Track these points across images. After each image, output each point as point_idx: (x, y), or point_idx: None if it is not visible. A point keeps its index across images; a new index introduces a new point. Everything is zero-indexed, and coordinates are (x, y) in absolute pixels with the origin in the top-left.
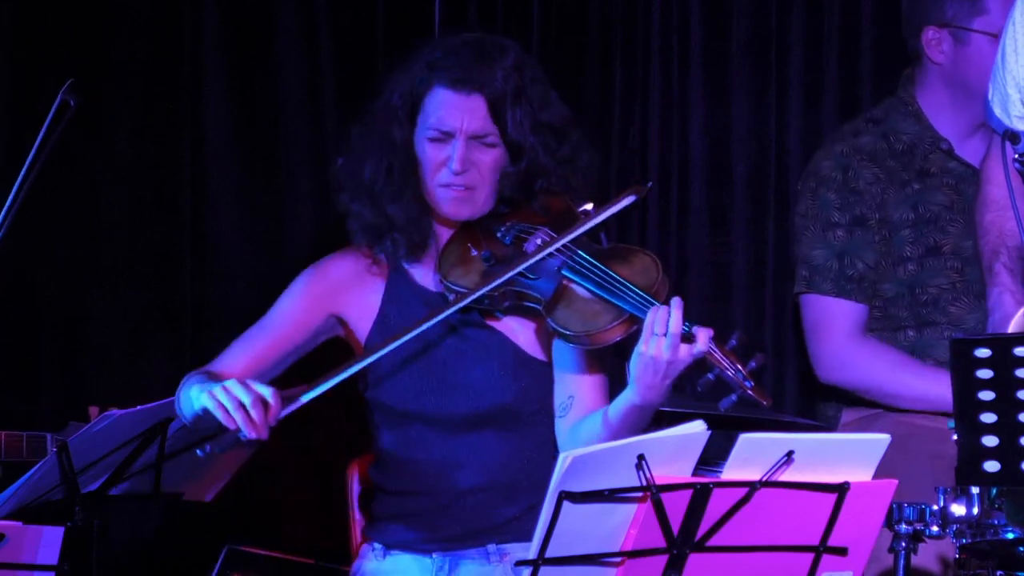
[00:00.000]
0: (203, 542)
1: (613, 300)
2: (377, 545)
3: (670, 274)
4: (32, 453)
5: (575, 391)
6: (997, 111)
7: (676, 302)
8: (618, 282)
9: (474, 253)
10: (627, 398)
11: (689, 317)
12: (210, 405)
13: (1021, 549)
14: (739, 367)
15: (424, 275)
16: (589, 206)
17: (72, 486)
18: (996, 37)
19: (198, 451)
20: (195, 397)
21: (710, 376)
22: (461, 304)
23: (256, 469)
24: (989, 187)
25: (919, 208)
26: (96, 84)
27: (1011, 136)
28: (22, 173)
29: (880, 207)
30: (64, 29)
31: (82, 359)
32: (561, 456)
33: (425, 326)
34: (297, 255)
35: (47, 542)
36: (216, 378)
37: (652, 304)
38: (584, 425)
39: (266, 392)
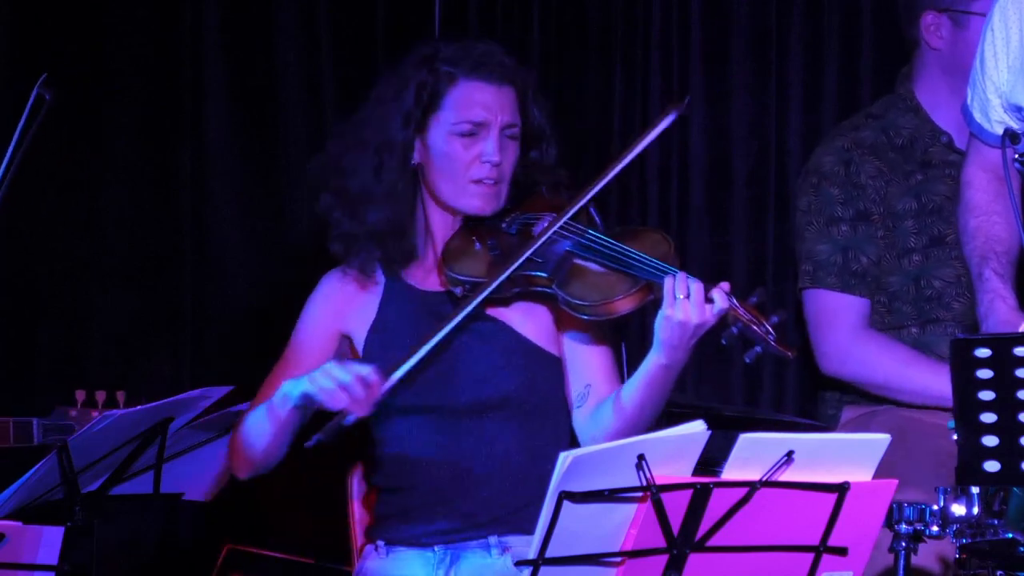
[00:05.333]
0: (203, 542)
1: (627, 271)
2: (380, 543)
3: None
4: (19, 439)
5: (591, 379)
6: (977, 116)
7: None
8: (632, 253)
9: (478, 247)
10: (653, 360)
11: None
12: (312, 390)
13: (1021, 549)
14: (763, 320)
15: (422, 277)
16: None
17: (72, 486)
18: None
19: (306, 443)
20: (288, 391)
21: (733, 330)
22: (487, 291)
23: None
24: (970, 192)
25: (922, 198)
26: (96, 84)
27: (1011, 136)
28: (2, 167)
29: (883, 200)
30: (63, 29)
31: (82, 359)
32: (561, 456)
33: (456, 320)
34: (297, 255)
35: (47, 542)
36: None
37: (668, 270)
38: (602, 409)
39: (365, 370)
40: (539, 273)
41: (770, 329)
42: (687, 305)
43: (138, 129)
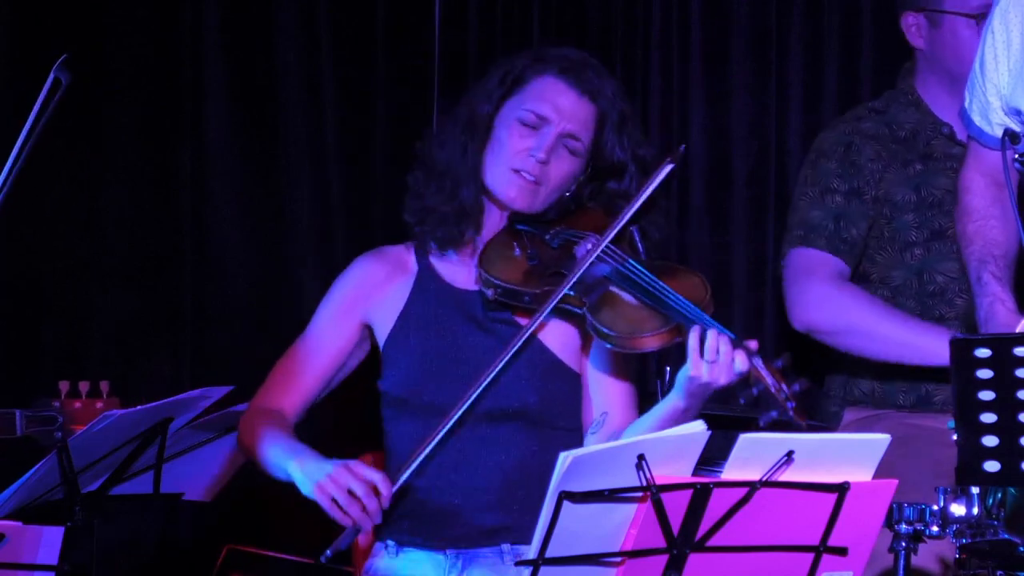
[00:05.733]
0: (203, 542)
1: (661, 309)
2: (390, 542)
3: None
4: (2, 430)
5: (609, 407)
6: (976, 119)
7: (738, 343)
8: (668, 292)
9: (517, 253)
10: (671, 403)
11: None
12: (321, 502)
13: (1021, 549)
14: (783, 386)
15: (455, 273)
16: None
17: (72, 486)
18: (969, 17)
19: (321, 558)
20: (295, 478)
21: (754, 391)
22: (523, 336)
23: (256, 469)
24: (968, 197)
25: (922, 191)
26: (96, 84)
27: (1012, 136)
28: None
29: (879, 184)
30: (64, 29)
31: (82, 358)
32: (561, 456)
33: (492, 373)
34: (297, 255)
35: (47, 542)
36: (280, 424)
37: (702, 320)
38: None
39: (375, 477)
40: (572, 292)
41: (790, 396)
42: (714, 368)
43: (138, 129)
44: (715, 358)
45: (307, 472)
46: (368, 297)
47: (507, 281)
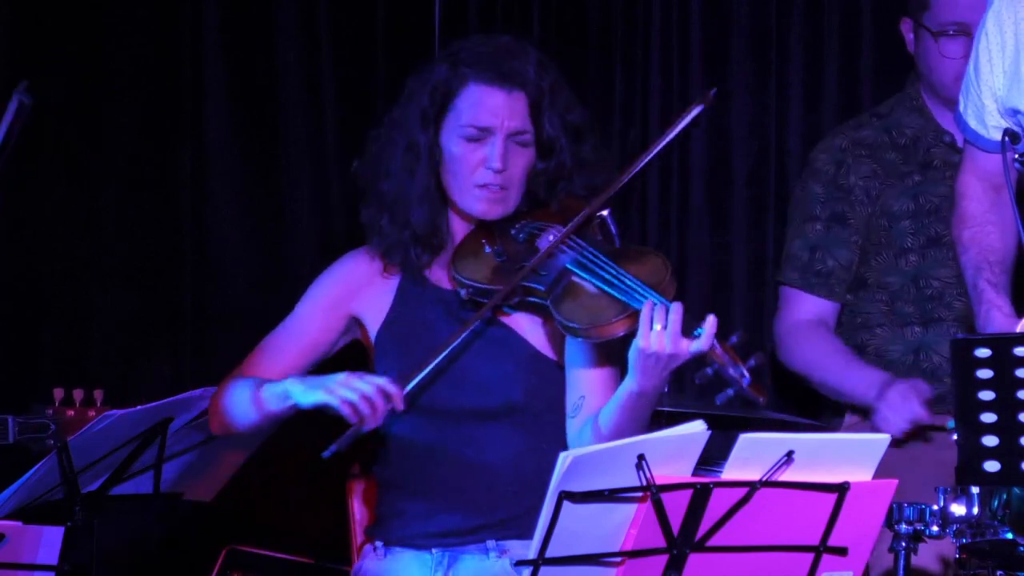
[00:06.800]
0: (203, 542)
1: (618, 296)
2: (378, 543)
3: (678, 276)
4: None
5: (586, 391)
6: (972, 123)
7: (676, 305)
8: (625, 277)
9: (487, 250)
10: (627, 387)
11: (689, 313)
12: (332, 401)
13: (1021, 549)
14: (739, 363)
15: (438, 273)
16: (605, 212)
17: (72, 486)
18: (935, 34)
19: (324, 453)
20: (291, 392)
21: (708, 371)
22: (488, 308)
23: (256, 469)
24: (964, 202)
25: (920, 199)
26: (96, 84)
27: (1012, 136)
28: None
29: (875, 200)
30: (63, 29)
31: (82, 359)
32: (561, 456)
33: (465, 334)
34: (297, 255)
35: (47, 542)
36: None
37: (655, 299)
38: (585, 429)
39: (383, 381)
40: (537, 286)
41: (745, 372)
42: (661, 335)
43: (138, 129)
44: (664, 324)
45: (309, 383)
46: (355, 293)
47: (477, 280)
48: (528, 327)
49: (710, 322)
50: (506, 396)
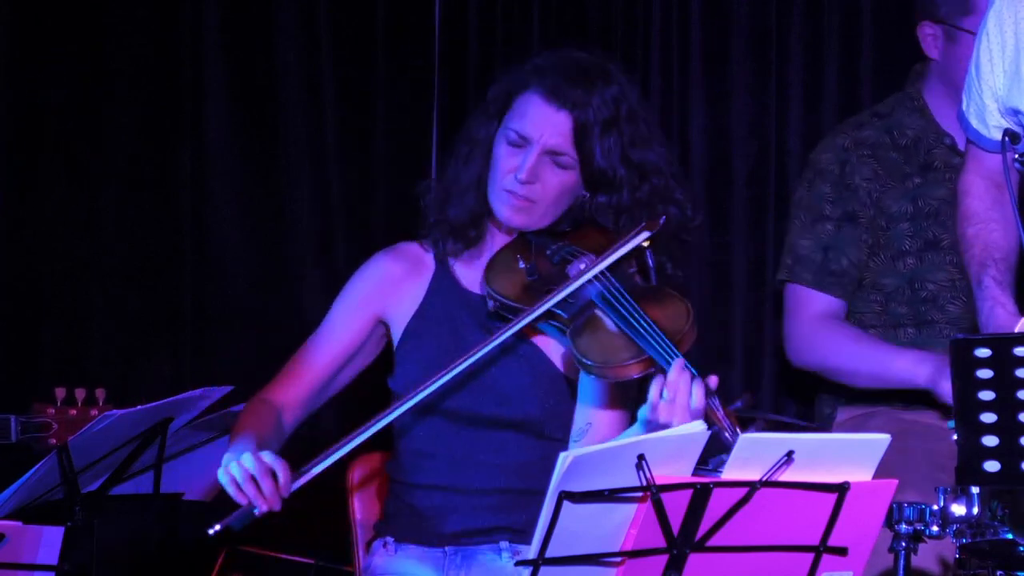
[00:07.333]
0: (203, 542)
1: (635, 338)
2: (389, 540)
3: (698, 327)
4: None
5: (594, 419)
6: (974, 122)
7: (698, 381)
8: (645, 321)
9: (521, 265)
10: (633, 434)
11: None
12: (223, 480)
13: (1021, 549)
14: (737, 429)
15: (470, 277)
16: (647, 244)
17: (72, 486)
18: None
19: (208, 530)
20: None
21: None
22: (510, 331)
23: None
24: (967, 200)
25: (919, 202)
26: (96, 84)
27: (1012, 136)
28: None
29: (876, 203)
30: (64, 29)
31: (83, 359)
32: (561, 456)
33: (480, 352)
34: (297, 255)
35: (47, 542)
36: (262, 415)
37: (670, 356)
38: None
39: (274, 462)
40: (561, 312)
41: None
42: (672, 408)
43: (138, 129)
44: (673, 397)
45: (226, 457)
46: (384, 295)
47: (506, 296)
48: (554, 347)
49: (709, 381)
50: (524, 410)
